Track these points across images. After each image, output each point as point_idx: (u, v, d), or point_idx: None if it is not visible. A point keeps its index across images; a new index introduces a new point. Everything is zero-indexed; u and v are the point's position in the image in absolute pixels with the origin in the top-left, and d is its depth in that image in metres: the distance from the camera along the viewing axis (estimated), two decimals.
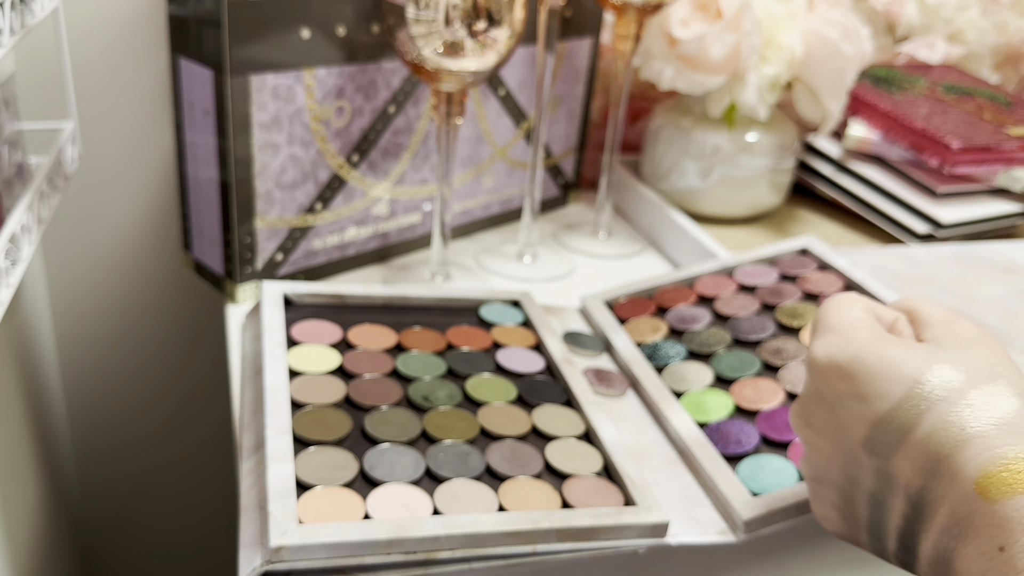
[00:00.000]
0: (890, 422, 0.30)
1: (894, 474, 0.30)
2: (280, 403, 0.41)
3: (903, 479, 0.30)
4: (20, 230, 0.44)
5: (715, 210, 0.72)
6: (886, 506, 0.31)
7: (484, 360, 0.48)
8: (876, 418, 0.31)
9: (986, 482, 0.27)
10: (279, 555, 0.33)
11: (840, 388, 0.32)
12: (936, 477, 0.29)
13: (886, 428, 0.30)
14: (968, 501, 0.27)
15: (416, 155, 0.62)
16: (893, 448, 0.30)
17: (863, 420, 0.31)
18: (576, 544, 0.37)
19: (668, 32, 0.64)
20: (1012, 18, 0.82)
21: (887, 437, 0.30)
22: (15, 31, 0.42)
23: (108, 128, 0.67)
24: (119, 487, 0.83)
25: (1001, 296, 0.56)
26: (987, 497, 0.27)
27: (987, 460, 0.27)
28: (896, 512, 0.31)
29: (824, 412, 0.33)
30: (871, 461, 0.31)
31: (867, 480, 0.32)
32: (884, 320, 0.35)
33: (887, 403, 0.30)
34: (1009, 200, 0.71)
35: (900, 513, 0.30)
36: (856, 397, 0.32)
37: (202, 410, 0.82)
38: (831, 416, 0.33)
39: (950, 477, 0.28)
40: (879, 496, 0.31)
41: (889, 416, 0.30)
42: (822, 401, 0.33)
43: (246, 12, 0.49)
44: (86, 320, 0.74)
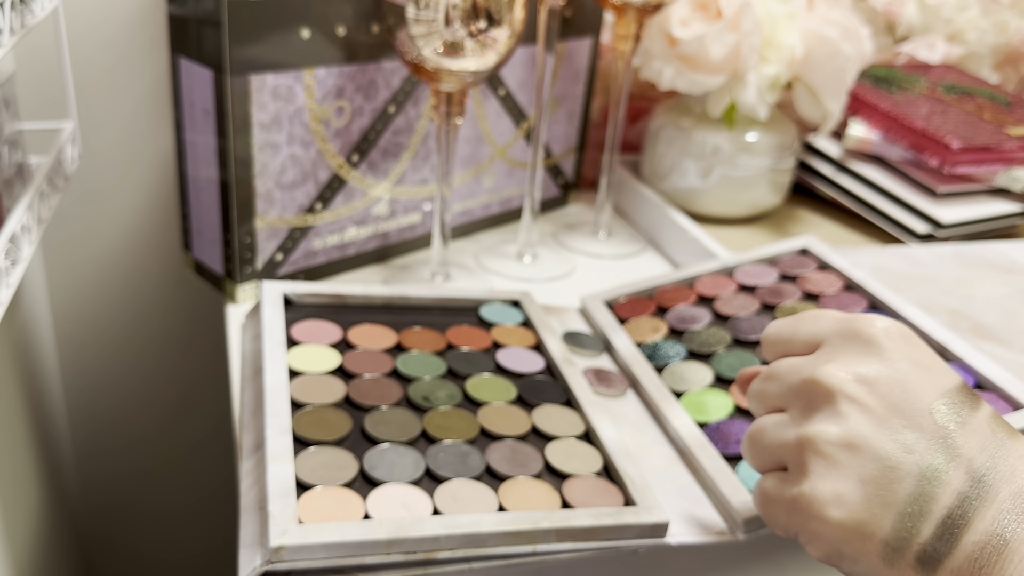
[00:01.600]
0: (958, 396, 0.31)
1: (959, 447, 0.30)
2: (280, 403, 0.41)
3: (968, 452, 0.30)
4: (20, 230, 0.44)
5: (715, 210, 0.72)
6: (941, 481, 0.30)
7: (484, 360, 0.48)
8: (947, 388, 0.31)
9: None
10: (279, 555, 0.33)
11: (907, 352, 0.32)
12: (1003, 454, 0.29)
13: (956, 398, 0.31)
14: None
15: (416, 155, 0.62)
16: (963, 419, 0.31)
17: (935, 385, 0.32)
18: (576, 544, 0.37)
19: (668, 32, 0.64)
20: (1012, 18, 0.82)
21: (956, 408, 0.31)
22: (15, 31, 0.42)
23: (108, 128, 0.67)
24: (119, 487, 0.83)
25: (1001, 296, 0.56)
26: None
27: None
28: (951, 488, 0.29)
29: (887, 370, 0.32)
30: (935, 428, 0.31)
31: (924, 449, 0.30)
32: None
33: (951, 377, 0.32)
34: (1009, 200, 0.71)
35: (956, 490, 0.29)
36: (925, 366, 0.32)
37: (202, 410, 0.82)
38: (895, 375, 0.32)
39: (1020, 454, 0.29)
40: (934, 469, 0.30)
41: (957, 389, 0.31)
42: (885, 359, 0.32)
43: (246, 12, 0.49)
44: (86, 320, 0.74)
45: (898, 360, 0.32)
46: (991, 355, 0.49)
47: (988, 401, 0.44)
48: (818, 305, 0.53)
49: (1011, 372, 0.46)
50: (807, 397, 0.33)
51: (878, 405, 0.31)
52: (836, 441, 0.32)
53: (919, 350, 0.33)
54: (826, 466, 0.32)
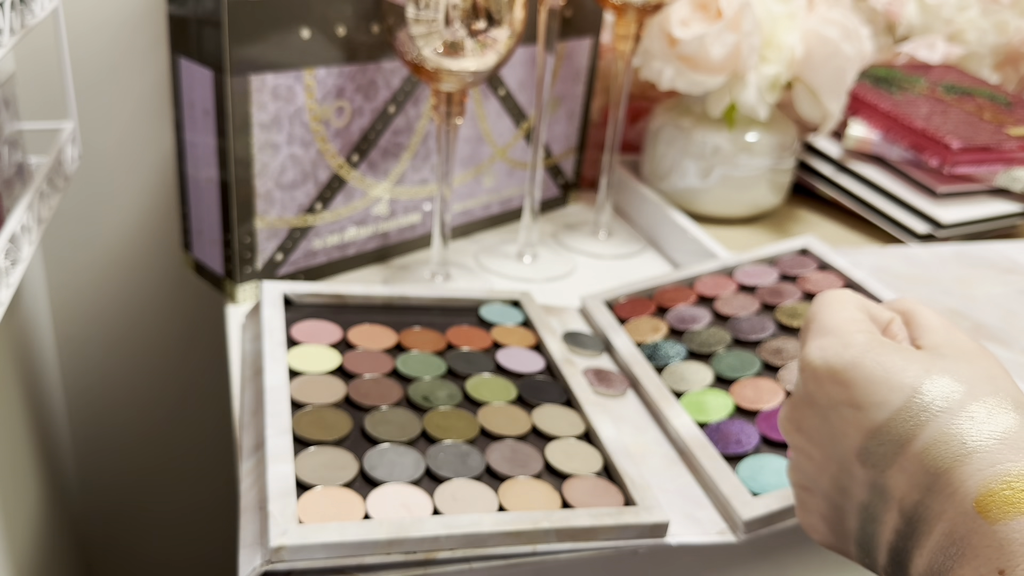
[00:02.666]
0: (887, 432, 0.29)
1: (889, 487, 0.29)
2: (280, 403, 0.41)
3: (898, 493, 0.29)
4: (20, 230, 0.44)
5: (715, 210, 0.72)
6: (878, 520, 0.30)
7: (484, 360, 0.48)
8: (872, 428, 0.29)
9: (987, 500, 0.26)
10: (279, 555, 0.33)
11: (835, 394, 0.31)
12: (933, 492, 0.27)
13: (882, 438, 0.29)
14: (967, 520, 0.26)
15: (416, 155, 0.62)
16: (889, 460, 0.29)
17: (858, 429, 0.30)
18: (576, 544, 0.37)
19: (668, 32, 0.64)
20: (1012, 18, 0.82)
21: (883, 448, 0.29)
22: (15, 31, 0.42)
23: (108, 128, 0.67)
24: (119, 486, 0.83)
25: (1001, 296, 0.56)
26: (987, 516, 0.25)
27: (988, 476, 0.26)
28: (889, 527, 0.29)
29: (816, 418, 0.32)
30: (865, 472, 0.30)
31: (859, 492, 0.30)
32: (879, 320, 0.34)
33: (884, 412, 0.29)
34: (1009, 200, 0.71)
35: (893, 528, 0.29)
36: (852, 405, 0.30)
37: (202, 410, 0.82)
38: (824, 423, 0.31)
39: (949, 493, 0.27)
40: (871, 509, 0.30)
41: (886, 426, 0.29)
42: (815, 406, 0.32)
43: (246, 12, 0.49)
44: (86, 320, 0.74)
45: (826, 406, 0.31)
46: None
47: None
48: None
49: (1011, 372, 0.46)
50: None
51: (816, 452, 0.33)
52: (796, 484, 0.34)
53: (851, 388, 0.30)
54: (799, 502, 0.35)
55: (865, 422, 0.30)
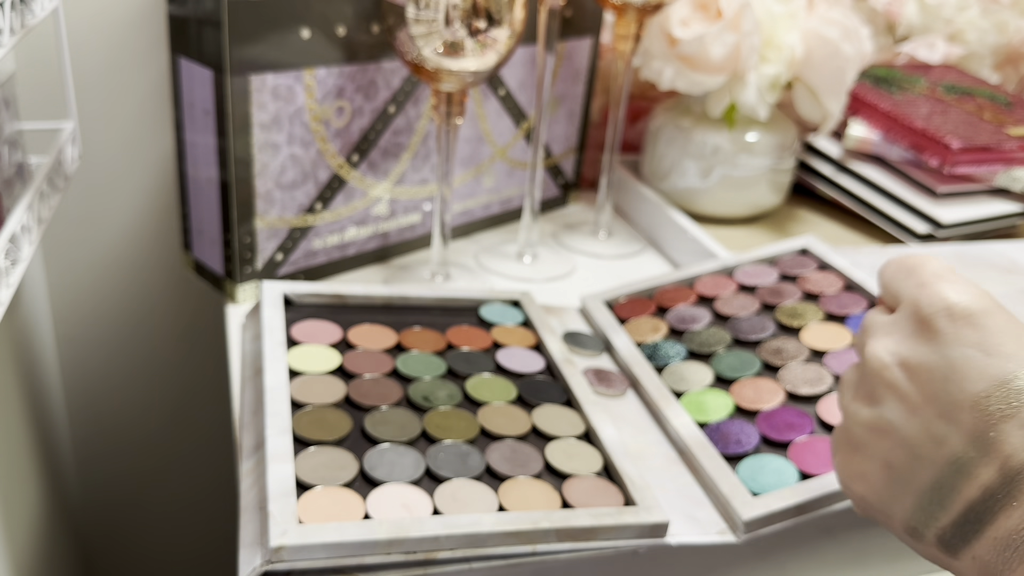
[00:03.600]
0: (1014, 385, 0.29)
1: (997, 441, 0.28)
2: (280, 403, 0.41)
3: (1007, 448, 0.28)
4: (20, 230, 0.44)
5: (715, 210, 0.72)
6: (967, 474, 0.29)
7: (484, 360, 0.48)
8: (1001, 377, 0.29)
9: None
10: (279, 555, 0.33)
11: (966, 335, 0.30)
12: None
13: (1008, 389, 0.29)
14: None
15: (416, 155, 0.62)
16: (1009, 413, 0.28)
17: (984, 375, 0.29)
18: (576, 544, 0.37)
19: (668, 32, 0.64)
20: (1012, 18, 0.82)
21: (1007, 399, 0.29)
22: (15, 31, 0.42)
23: (108, 128, 0.67)
24: (119, 487, 0.83)
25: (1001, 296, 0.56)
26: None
27: None
28: (977, 482, 0.29)
29: (934, 356, 0.31)
30: (974, 420, 0.29)
31: (955, 441, 0.30)
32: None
33: (1015, 364, 0.29)
34: (1009, 200, 0.71)
35: (982, 484, 0.29)
36: (983, 349, 0.30)
37: (202, 410, 0.82)
38: (943, 362, 0.31)
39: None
40: (963, 461, 0.29)
41: (1015, 378, 0.29)
42: (938, 344, 0.31)
43: (246, 12, 0.49)
44: (86, 320, 0.74)
45: (951, 345, 0.31)
46: None
47: None
48: (818, 305, 0.53)
49: None
50: (861, 368, 0.34)
51: (914, 393, 0.31)
52: (866, 424, 0.33)
53: (985, 332, 0.30)
54: (854, 446, 0.33)
55: (994, 369, 0.29)
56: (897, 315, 0.33)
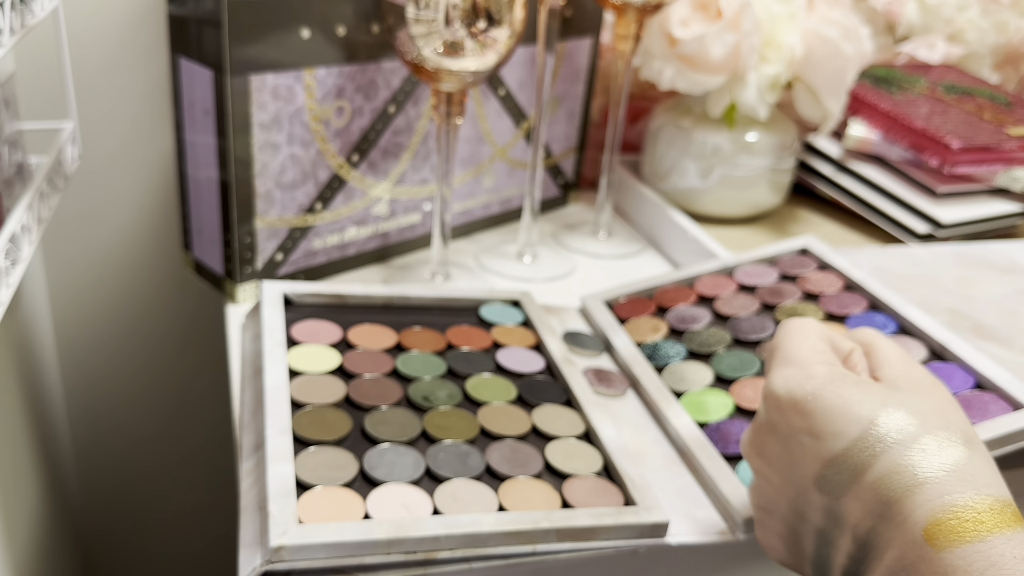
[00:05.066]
0: (843, 462, 0.30)
1: (843, 513, 0.30)
2: (280, 403, 0.41)
3: (852, 519, 0.30)
4: (20, 230, 0.44)
5: (715, 210, 0.72)
6: (832, 544, 0.31)
7: (484, 360, 0.48)
8: (829, 457, 0.31)
9: (934, 529, 0.27)
10: (279, 555, 0.33)
11: (796, 423, 0.32)
12: (885, 520, 0.29)
13: (839, 467, 0.30)
14: (915, 547, 0.27)
15: (416, 155, 0.62)
16: (844, 488, 0.30)
17: (816, 457, 0.31)
18: (576, 544, 0.37)
19: (668, 32, 0.64)
20: (1012, 18, 0.82)
21: (839, 476, 0.30)
22: (15, 31, 0.42)
23: (108, 128, 0.67)
24: (119, 486, 0.83)
25: (1001, 296, 0.56)
26: (934, 544, 0.27)
27: (937, 507, 0.27)
28: (842, 551, 0.31)
29: (777, 445, 0.33)
30: (821, 499, 0.31)
31: (815, 517, 0.32)
32: (840, 350, 0.35)
33: (841, 443, 0.31)
34: (1009, 200, 0.71)
35: (846, 552, 0.30)
36: (811, 434, 0.32)
37: (202, 410, 0.82)
38: (784, 450, 0.33)
39: (899, 521, 0.28)
40: (826, 534, 0.31)
41: (843, 456, 0.30)
42: (776, 433, 0.33)
43: (246, 12, 0.49)
44: (86, 320, 0.74)
45: (786, 434, 0.33)
46: (991, 355, 0.49)
47: (988, 402, 0.44)
48: (818, 305, 0.53)
49: (1011, 372, 0.46)
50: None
51: (775, 477, 0.34)
52: (756, 505, 0.36)
53: (811, 417, 0.32)
54: (759, 523, 0.36)
55: (823, 451, 0.31)
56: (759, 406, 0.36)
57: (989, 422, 0.42)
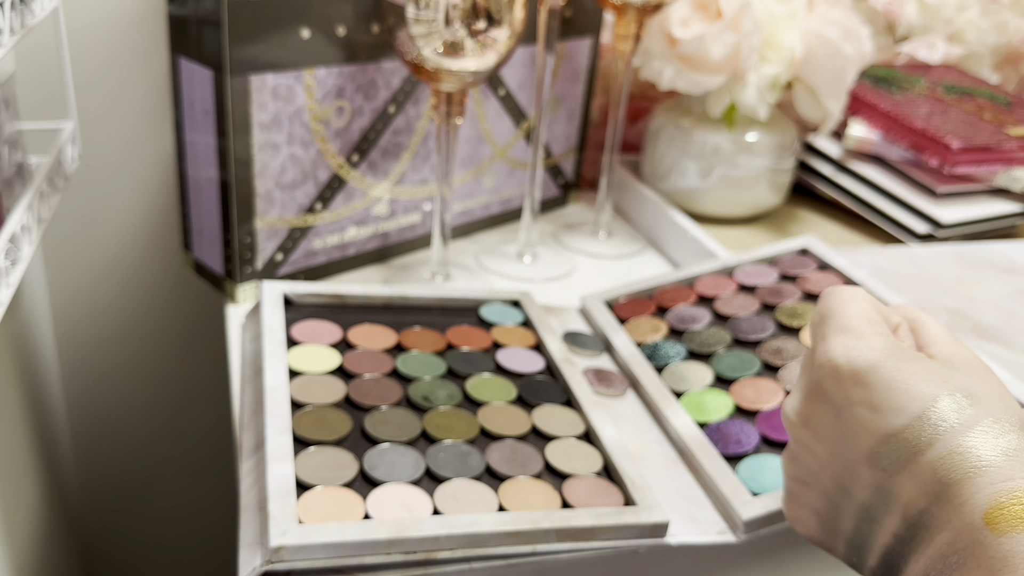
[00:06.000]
0: (901, 439, 0.30)
1: (895, 492, 0.30)
2: (280, 403, 0.41)
3: (904, 498, 0.29)
4: (20, 230, 0.44)
5: (715, 210, 0.72)
6: (877, 521, 0.31)
7: (484, 360, 0.48)
8: (888, 432, 0.30)
9: (996, 514, 0.27)
10: (279, 555, 0.33)
11: (854, 395, 0.31)
12: (941, 502, 0.28)
13: (896, 444, 0.30)
14: (972, 531, 0.27)
15: (416, 155, 0.62)
16: (900, 465, 0.29)
17: (872, 432, 0.30)
18: (576, 544, 0.37)
19: (668, 32, 0.64)
20: (1012, 18, 0.82)
21: (896, 453, 0.30)
22: (15, 31, 0.42)
23: (108, 128, 0.67)
24: (119, 486, 0.83)
25: (1001, 296, 0.56)
26: (995, 529, 0.26)
27: (998, 491, 0.27)
28: (887, 530, 0.30)
29: (829, 415, 0.32)
30: (872, 475, 0.30)
31: (862, 493, 0.31)
32: (889, 323, 0.34)
33: (901, 419, 0.30)
34: (1009, 200, 0.71)
35: (892, 531, 0.30)
36: (869, 407, 0.31)
37: (202, 410, 0.82)
38: (836, 420, 0.32)
39: (957, 504, 0.28)
40: (872, 511, 0.31)
41: (901, 433, 0.30)
42: (829, 403, 0.32)
43: (246, 12, 0.49)
44: (86, 320, 0.74)
45: (841, 405, 0.32)
46: (991, 355, 0.49)
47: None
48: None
49: (1011, 372, 0.46)
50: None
51: (820, 449, 0.33)
52: (791, 476, 0.35)
53: (871, 389, 0.31)
54: (790, 495, 0.35)
55: (880, 426, 0.30)
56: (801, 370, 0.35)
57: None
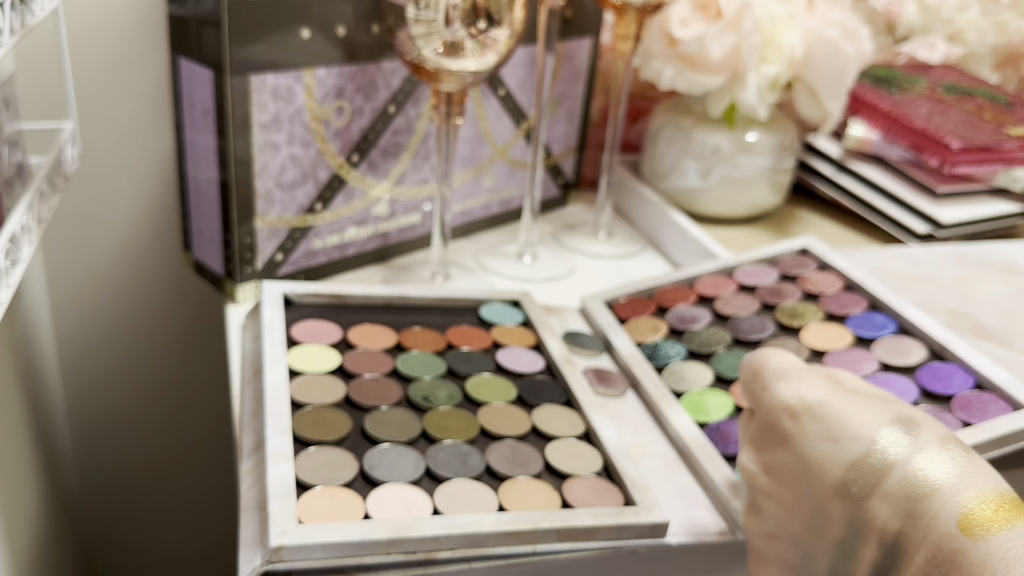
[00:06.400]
0: (866, 464, 0.30)
1: (868, 519, 0.30)
2: (280, 403, 0.41)
3: (879, 523, 0.29)
4: (20, 230, 0.44)
5: (715, 210, 0.72)
6: (854, 556, 0.30)
7: (484, 360, 0.48)
8: (851, 460, 0.30)
9: (968, 520, 0.27)
10: (279, 555, 0.33)
11: (811, 430, 0.32)
12: (915, 518, 0.28)
13: (862, 469, 0.30)
14: (950, 540, 0.27)
15: (416, 155, 0.62)
16: (869, 489, 0.30)
17: (837, 462, 0.31)
18: (576, 544, 0.37)
19: (668, 32, 0.64)
20: (1012, 18, 0.82)
21: (864, 479, 0.30)
22: (15, 31, 0.42)
23: (108, 128, 0.67)
24: (119, 487, 0.83)
25: (1001, 296, 0.56)
26: (971, 534, 0.27)
27: (968, 498, 0.28)
28: (865, 562, 0.30)
29: (790, 457, 0.33)
30: (843, 507, 0.31)
31: (834, 529, 0.31)
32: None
33: (862, 444, 0.30)
34: (1009, 200, 0.71)
35: (870, 563, 0.30)
36: (829, 439, 0.31)
37: (202, 410, 0.82)
38: (798, 461, 0.32)
39: (931, 517, 0.28)
40: (847, 546, 0.31)
41: (865, 458, 0.30)
42: (788, 444, 0.33)
43: (246, 12, 0.49)
44: (86, 320, 0.74)
45: (801, 443, 0.32)
46: (991, 355, 0.48)
47: (988, 402, 0.44)
48: (818, 305, 0.53)
49: (1011, 372, 0.46)
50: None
51: (786, 495, 0.33)
52: (757, 533, 0.35)
53: (827, 422, 0.32)
54: (756, 555, 0.35)
55: (843, 455, 0.31)
56: (754, 421, 0.35)
57: (989, 422, 0.42)
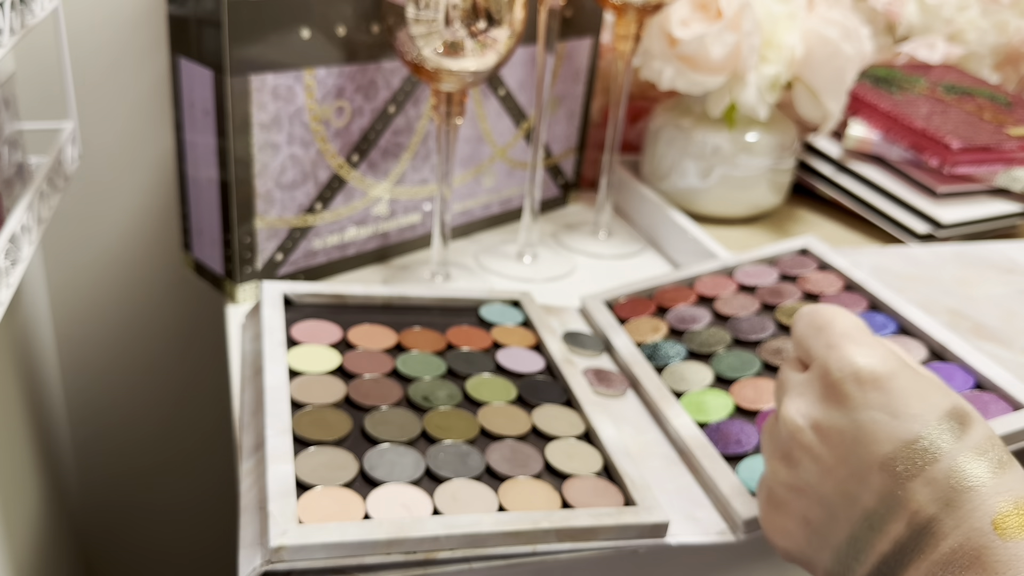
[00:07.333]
0: (919, 445, 0.30)
1: (905, 499, 0.30)
2: (280, 403, 0.41)
3: (914, 505, 0.30)
4: (20, 230, 0.44)
5: (715, 210, 0.72)
6: (879, 529, 0.31)
7: (484, 360, 0.48)
8: (906, 438, 0.30)
9: (1004, 520, 0.28)
10: (279, 555, 0.33)
11: (873, 399, 0.32)
12: (952, 508, 0.29)
13: (913, 450, 0.30)
14: (980, 535, 0.28)
15: (416, 155, 0.62)
16: (915, 472, 0.30)
17: (891, 437, 0.31)
18: (576, 544, 0.37)
19: (668, 32, 0.64)
20: (1012, 18, 0.82)
21: (912, 459, 0.30)
22: (15, 31, 0.42)
23: (108, 128, 0.67)
24: (119, 487, 0.83)
25: (1001, 296, 0.56)
26: (1003, 534, 0.27)
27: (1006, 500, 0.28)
28: (889, 537, 0.30)
29: (843, 420, 0.32)
30: (883, 480, 0.31)
31: (868, 499, 0.31)
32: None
33: (919, 426, 0.30)
34: (1009, 200, 0.71)
35: (893, 538, 0.30)
36: (889, 412, 0.31)
37: (202, 410, 0.82)
38: (851, 425, 0.32)
39: (969, 510, 0.28)
40: (875, 518, 0.31)
41: (919, 439, 0.30)
42: (845, 407, 0.32)
43: (246, 12, 0.49)
44: (86, 320, 0.74)
45: (859, 409, 0.32)
46: (991, 355, 0.49)
47: (988, 402, 0.44)
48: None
49: (1011, 372, 0.46)
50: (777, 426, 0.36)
51: (827, 455, 0.33)
52: (784, 483, 0.34)
53: (891, 395, 0.31)
54: (775, 503, 0.35)
55: (900, 431, 0.31)
56: (809, 375, 0.35)
57: (989, 422, 0.42)
